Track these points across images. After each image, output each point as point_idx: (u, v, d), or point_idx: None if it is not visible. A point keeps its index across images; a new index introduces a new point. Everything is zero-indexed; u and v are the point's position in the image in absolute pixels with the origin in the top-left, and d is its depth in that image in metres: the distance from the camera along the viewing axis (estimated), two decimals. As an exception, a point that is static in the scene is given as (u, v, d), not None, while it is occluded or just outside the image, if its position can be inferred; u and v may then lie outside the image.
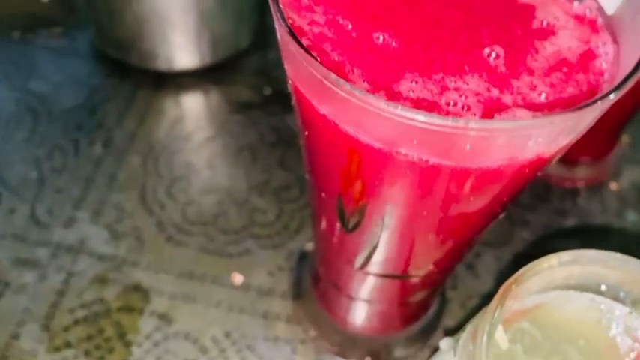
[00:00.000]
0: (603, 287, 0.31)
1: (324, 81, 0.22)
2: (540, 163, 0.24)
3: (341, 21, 0.27)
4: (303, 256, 0.49)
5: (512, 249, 0.52)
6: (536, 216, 0.54)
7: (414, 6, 0.28)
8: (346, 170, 0.26)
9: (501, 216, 0.31)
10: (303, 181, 0.54)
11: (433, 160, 0.23)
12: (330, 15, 0.27)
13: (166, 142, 0.56)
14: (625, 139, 0.59)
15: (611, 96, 0.22)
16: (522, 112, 0.25)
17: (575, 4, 0.28)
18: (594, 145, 0.55)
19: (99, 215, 0.51)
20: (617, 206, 0.55)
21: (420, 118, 0.20)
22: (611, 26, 0.27)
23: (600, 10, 0.28)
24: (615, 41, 0.26)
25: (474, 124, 0.20)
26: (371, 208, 0.28)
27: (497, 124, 0.21)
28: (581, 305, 0.31)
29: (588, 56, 0.27)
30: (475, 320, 0.31)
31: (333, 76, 0.21)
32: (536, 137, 0.22)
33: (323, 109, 0.24)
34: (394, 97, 0.24)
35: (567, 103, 0.25)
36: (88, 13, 0.58)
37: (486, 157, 0.23)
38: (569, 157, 0.55)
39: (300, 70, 0.23)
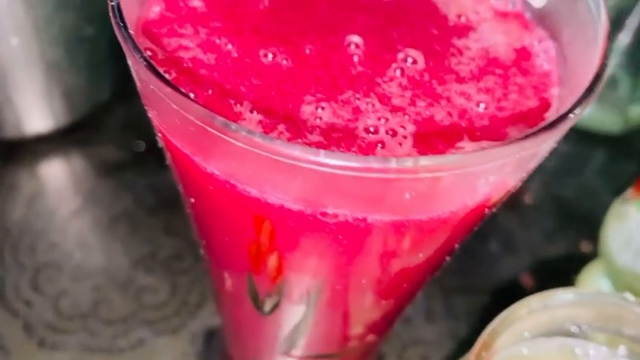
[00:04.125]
0: (574, 328, 0.26)
1: (208, 129, 0.15)
2: (504, 195, 0.19)
3: (217, 40, 0.21)
4: (210, 335, 0.42)
5: (440, 283, 0.47)
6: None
7: (304, 10, 0.22)
8: (255, 243, 0.20)
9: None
10: (197, 246, 0.46)
11: (372, 218, 0.17)
12: (203, 34, 0.21)
13: (24, 224, 0.47)
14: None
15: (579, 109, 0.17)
16: (467, 140, 0.19)
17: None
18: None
19: (-56, 329, 0.41)
20: (536, 219, 0.52)
21: (354, 164, 0.14)
22: (544, 21, 0.22)
23: (526, 3, 0.23)
24: (554, 37, 0.22)
25: (427, 162, 0.15)
26: (292, 285, 0.21)
27: (454, 158, 0.15)
28: (552, 352, 0.26)
29: (523, 55, 0.22)
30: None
31: (219, 119, 0.15)
32: (496, 170, 0.17)
33: (211, 166, 0.17)
34: (298, 131, 0.18)
35: (515, 113, 0.20)
36: None
37: (439, 202, 0.17)
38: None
39: (172, 118, 0.16)
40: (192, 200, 0.20)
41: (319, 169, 0.14)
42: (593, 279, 0.45)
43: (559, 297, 0.24)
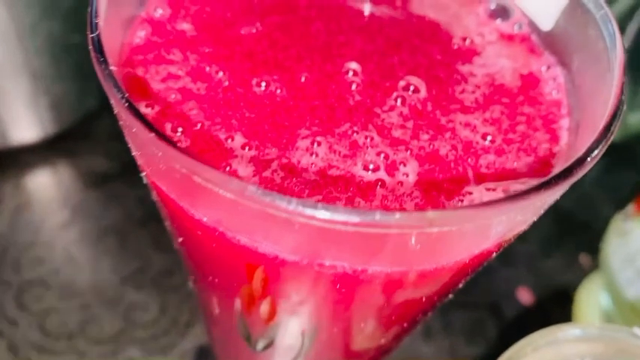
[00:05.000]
0: (578, 361, 0.25)
1: (196, 179, 0.14)
2: (513, 237, 0.18)
3: (207, 68, 0.19)
4: (202, 354, 0.40)
5: (437, 298, 0.46)
6: (455, 255, 0.49)
7: (299, 33, 0.21)
8: (247, 287, 0.18)
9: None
10: (187, 260, 0.45)
11: (374, 269, 0.15)
12: (193, 61, 0.20)
13: (9, 238, 0.45)
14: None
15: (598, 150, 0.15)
16: (473, 181, 0.18)
17: (498, 21, 0.23)
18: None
19: None
20: (534, 230, 0.51)
21: (354, 219, 0.13)
22: (553, 45, 0.21)
23: (532, 25, 0.22)
24: (564, 64, 0.21)
25: (433, 216, 0.13)
26: (286, 327, 0.20)
27: (463, 213, 0.14)
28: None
29: (531, 82, 0.21)
30: None
31: (207, 170, 0.13)
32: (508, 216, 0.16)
33: (199, 213, 0.16)
34: (292, 170, 0.17)
35: (523, 146, 0.19)
36: None
37: (445, 253, 0.16)
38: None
39: (156, 162, 0.15)
40: (180, 239, 0.19)
41: (318, 225, 0.13)
42: (592, 293, 0.44)
43: (565, 333, 0.23)
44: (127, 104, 0.14)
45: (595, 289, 0.44)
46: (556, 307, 0.47)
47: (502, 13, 0.22)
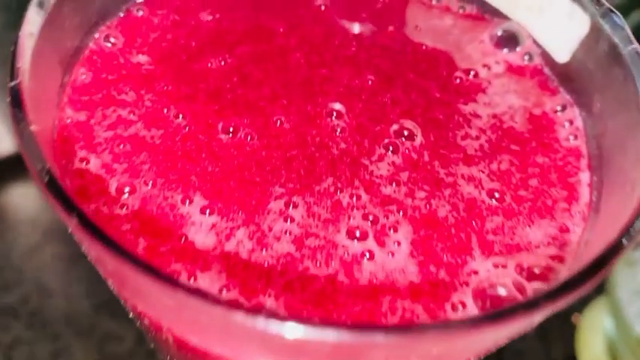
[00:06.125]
0: None
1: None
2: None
3: (165, 110, 0.16)
4: (179, 389, 0.38)
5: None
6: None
7: (275, 67, 0.18)
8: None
9: None
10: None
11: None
12: (148, 102, 0.17)
13: (-23, 260, 0.42)
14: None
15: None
16: (478, 252, 0.15)
17: (505, 50, 0.20)
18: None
19: None
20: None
21: (331, 337, 0.10)
22: (569, 81, 0.18)
23: (545, 56, 0.19)
24: (583, 104, 0.18)
25: (432, 335, 0.10)
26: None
27: (467, 325, 0.11)
28: None
29: (544, 125, 0.18)
30: None
31: (141, 277, 0.10)
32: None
33: (142, 306, 0.13)
34: (262, 239, 0.14)
35: (535, 205, 0.16)
36: None
37: (448, 358, 0.13)
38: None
39: (88, 249, 0.12)
40: (131, 314, 0.16)
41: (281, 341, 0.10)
42: (596, 319, 0.41)
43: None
44: (47, 178, 0.11)
45: (599, 315, 0.41)
46: (558, 334, 0.44)
47: (510, 41, 0.19)
